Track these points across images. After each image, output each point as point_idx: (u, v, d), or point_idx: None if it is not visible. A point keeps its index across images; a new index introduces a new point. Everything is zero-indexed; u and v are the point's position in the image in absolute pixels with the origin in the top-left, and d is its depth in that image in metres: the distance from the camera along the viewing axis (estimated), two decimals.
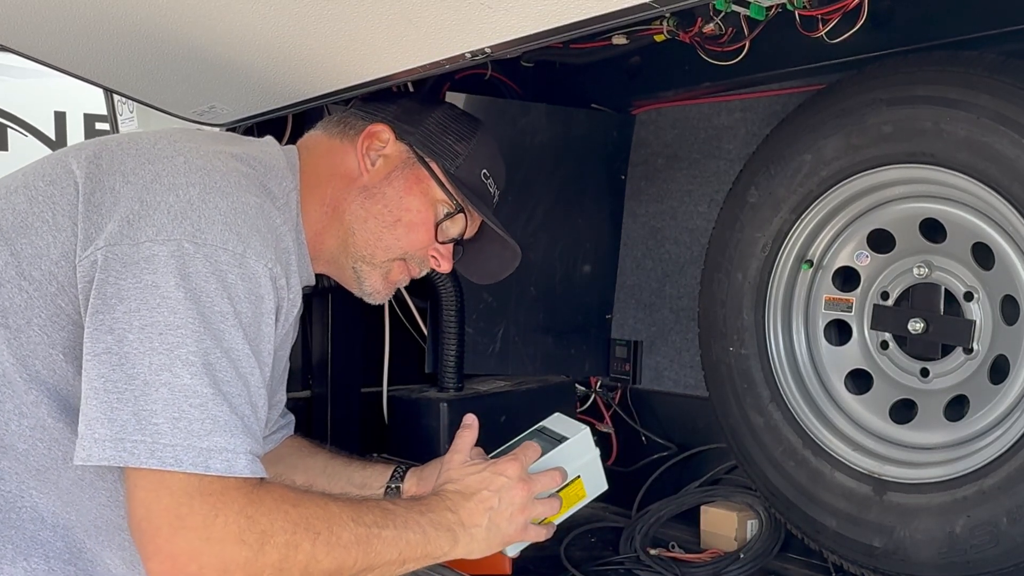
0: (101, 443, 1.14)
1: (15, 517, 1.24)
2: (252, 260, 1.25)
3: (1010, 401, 1.61)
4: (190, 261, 1.20)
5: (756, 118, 2.15)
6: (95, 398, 1.16)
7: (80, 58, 1.82)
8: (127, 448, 1.14)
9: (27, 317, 1.24)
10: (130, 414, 1.14)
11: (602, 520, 2.20)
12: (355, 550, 1.26)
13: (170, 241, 1.21)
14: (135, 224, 1.22)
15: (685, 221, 2.30)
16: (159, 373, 1.15)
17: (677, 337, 2.32)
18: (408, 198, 1.52)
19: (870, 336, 1.82)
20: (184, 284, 1.19)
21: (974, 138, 1.51)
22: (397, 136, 1.53)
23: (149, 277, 1.19)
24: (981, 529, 1.50)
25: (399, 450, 2.31)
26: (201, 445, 1.15)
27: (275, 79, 1.73)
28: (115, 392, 1.15)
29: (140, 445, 1.14)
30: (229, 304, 1.21)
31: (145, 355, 1.16)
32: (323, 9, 1.38)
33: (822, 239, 1.84)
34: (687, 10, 1.68)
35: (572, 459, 1.57)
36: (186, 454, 1.14)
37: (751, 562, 1.87)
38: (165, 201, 1.24)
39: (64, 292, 1.24)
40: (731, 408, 1.89)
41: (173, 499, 1.15)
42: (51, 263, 1.25)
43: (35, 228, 1.26)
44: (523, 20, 1.27)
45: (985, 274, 1.65)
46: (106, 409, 1.15)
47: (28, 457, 1.25)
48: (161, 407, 1.15)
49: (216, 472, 1.16)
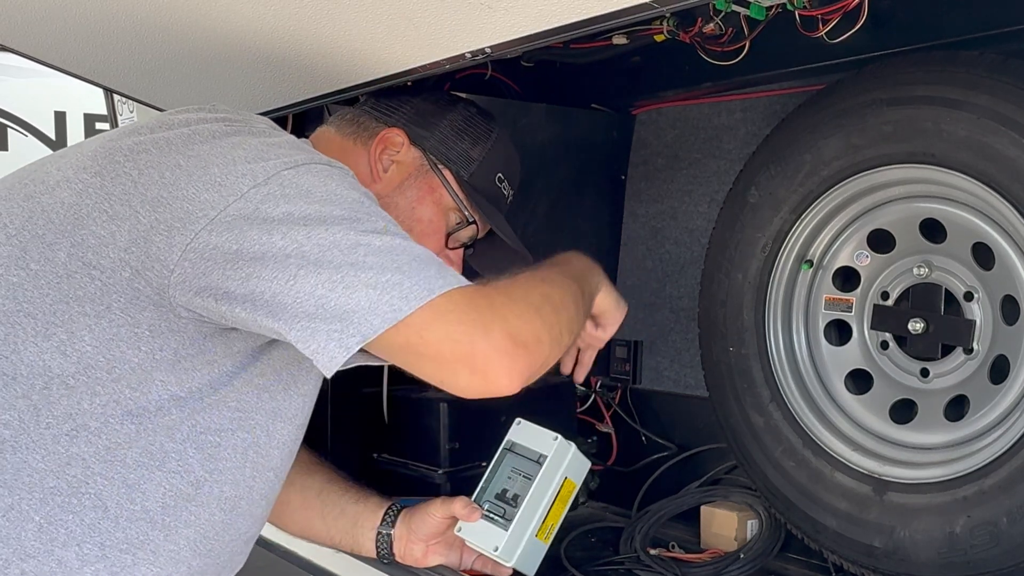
0: (354, 326, 1.14)
1: (76, 503, 1.23)
2: (336, 164, 1.29)
3: (1010, 401, 1.61)
4: (300, 179, 1.22)
5: (756, 118, 2.15)
6: (319, 313, 1.15)
7: (80, 58, 1.82)
8: (382, 311, 1.15)
9: (106, 303, 1.23)
10: (362, 291, 1.15)
11: (602, 520, 2.20)
12: (553, 298, 1.35)
13: (271, 179, 1.21)
14: (226, 183, 1.22)
15: (685, 221, 2.30)
16: (355, 251, 1.17)
17: (677, 337, 2.32)
18: (420, 209, 1.52)
19: (870, 336, 1.82)
20: (310, 199, 1.20)
21: (974, 138, 1.51)
22: (411, 141, 1.52)
23: (276, 211, 1.19)
24: (981, 529, 1.50)
25: (399, 450, 2.31)
26: (431, 272, 1.18)
27: (275, 79, 1.74)
28: (340, 285, 1.15)
29: (393, 300, 1.15)
30: (355, 191, 1.25)
31: (331, 249, 1.17)
32: (323, 9, 1.39)
33: (822, 239, 1.84)
34: (687, 10, 1.68)
35: (557, 469, 1.65)
36: (432, 282, 1.17)
37: (751, 562, 1.87)
38: (238, 155, 1.25)
39: (139, 276, 1.22)
40: (731, 408, 1.89)
41: (459, 312, 1.18)
42: (119, 250, 1.23)
43: (93, 218, 1.25)
44: (523, 20, 1.28)
45: (985, 274, 1.65)
46: (336, 309, 1.15)
47: (100, 436, 1.23)
48: (379, 268, 1.16)
49: (460, 284, 1.20)
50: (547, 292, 1.35)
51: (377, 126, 1.53)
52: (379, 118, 1.54)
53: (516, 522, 1.60)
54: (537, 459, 1.65)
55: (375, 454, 2.33)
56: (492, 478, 1.69)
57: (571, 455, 1.66)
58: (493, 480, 1.69)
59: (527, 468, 1.65)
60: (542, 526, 1.63)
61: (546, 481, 1.64)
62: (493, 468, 1.70)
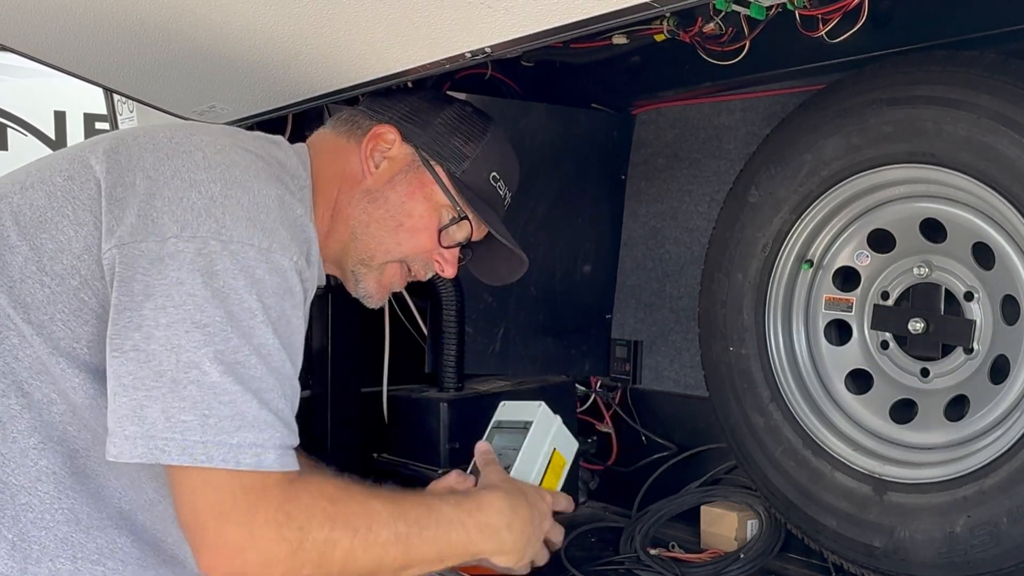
0: (132, 440, 1.15)
1: (48, 519, 1.24)
2: (278, 255, 1.25)
3: (1010, 401, 1.61)
4: (216, 259, 1.20)
5: (756, 118, 2.15)
6: (124, 395, 1.17)
7: (80, 57, 1.82)
8: (157, 446, 1.15)
9: (50, 312, 1.24)
10: (159, 412, 1.15)
11: (602, 520, 2.20)
12: (394, 548, 1.28)
13: (195, 238, 1.21)
14: (159, 221, 1.22)
15: (685, 221, 2.30)
16: (187, 371, 1.16)
17: (677, 337, 2.32)
18: (411, 203, 1.51)
19: (870, 336, 1.82)
20: (211, 282, 1.19)
21: (974, 138, 1.51)
22: (404, 137, 1.51)
23: (175, 274, 1.19)
24: (981, 529, 1.50)
25: (399, 450, 2.31)
26: (231, 441, 1.16)
27: (275, 78, 1.73)
28: (143, 389, 1.16)
29: (170, 443, 1.15)
30: (257, 300, 1.21)
31: (173, 352, 1.16)
32: (323, 9, 1.38)
33: (822, 239, 1.84)
34: (687, 10, 1.68)
35: (543, 436, 1.63)
36: (216, 450, 1.15)
37: (751, 562, 1.87)
38: (188, 197, 1.24)
39: (87, 286, 1.24)
40: (731, 408, 1.89)
41: (216, 496, 1.17)
42: (73, 257, 1.25)
43: (55, 223, 1.26)
44: (523, 20, 1.28)
45: (985, 274, 1.65)
46: (135, 407, 1.16)
47: (62, 444, 1.25)
48: (190, 404, 1.15)
49: (247, 467, 1.17)
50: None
51: (370, 123, 1.53)
52: (373, 116, 1.54)
53: None
54: (523, 426, 1.64)
55: (375, 454, 2.33)
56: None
57: (556, 426, 1.65)
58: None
59: (515, 440, 1.63)
60: None
61: (534, 446, 1.62)
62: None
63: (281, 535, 1.18)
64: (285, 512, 1.19)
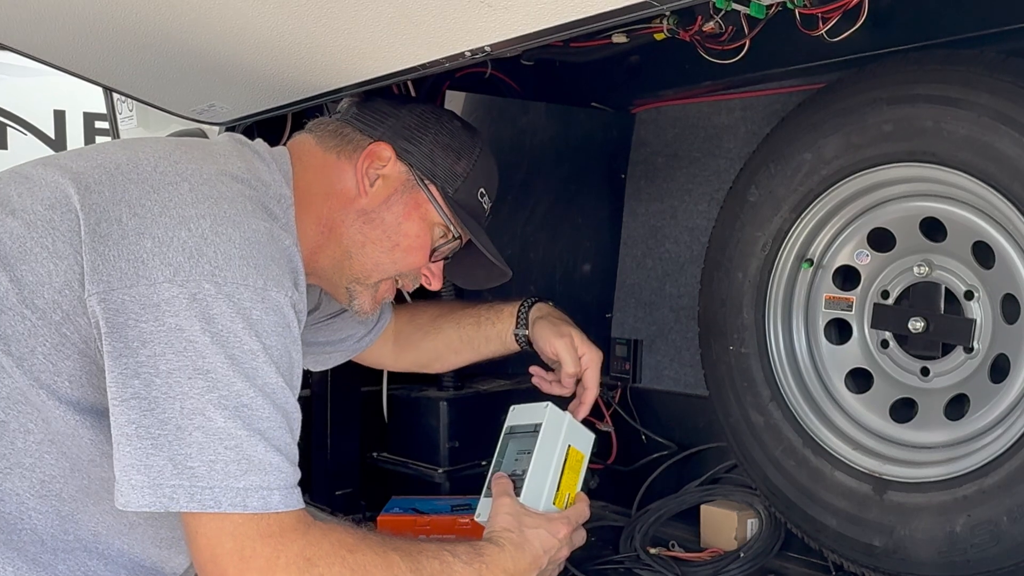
0: (139, 490, 1.15)
1: (16, 539, 1.24)
2: (273, 291, 1.24)
3: (1010, 400, 1.61)
4: (212, 302, 1.18)
5: (756, 117, 2.15)
6: (128, 444, 1.16)
7: (80, 57, 1.82)
8: (165, 494, 1.14)
9: (31, 346, 1.22)
10: (166, 459, 1.15)
11: (602, 519, 2.20)
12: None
13: (189, 282, 1.18)
14: (149, 263, 1.19)
15: (685, 220, 2.30)
16: (192, 417, 1.15)
17: (677, 336, 2.32)
18: (407, 224, 1.50)
19: (870, 335, 1.82)
20: (209, 327, 1.17)
21: (974, 137, 1.51)
22: (397, 155, 1.51)
23: (171, 320, 1.17)
24: (982, 528, 1.50)
25: (399, 449, 2.31)
26: (237, 485, 1.16)
27: (275, 78, 1.73)
28: (148, 438, 1.15)
29: (179, 490, 1.15)
30: (257, 341, 1.20)
31: (176, 399, 1.16)
32: (323, 7, 1.38)
33: (822, 238, 1.84)
34: (687, 8, 1.68)
35: (555, 436, 1.61)
36: (224, 495, 1.15)
37: (751, 561, 1.87)
38: (178, 237, 1.21)
39: (69, 321, 1.22)
40: (731, 407, 1.89)
41: (236, 542, 1.17)
42: (54, 291, 1.22)
43: (35, 254, 1.23)
44: (523, 18, 1.27)
45: (985, 273, 1.65)
46: (141, 456, 1.15)
47: (33, 472, 1.24)
48: (196, 451, 1.15)
49: (254, 509, 1.17)
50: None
51: (362, 139, 1.51)
52: (364, 131, 1.52)
53: (525, 490, 1.57)
54: (534, 429, 1.63)
55: (375, 453, 2.34)
56: (499, 466, 1.66)
57: (567, 423, 1.64)
58: (500, 467, 1.67)
59: (528, 444, 1.63)
60: (557, 495, 1.60)
61: (547, 447, 1.60)
62: (498, 456, 1.66)
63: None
64: (306, 558, 1.20)
